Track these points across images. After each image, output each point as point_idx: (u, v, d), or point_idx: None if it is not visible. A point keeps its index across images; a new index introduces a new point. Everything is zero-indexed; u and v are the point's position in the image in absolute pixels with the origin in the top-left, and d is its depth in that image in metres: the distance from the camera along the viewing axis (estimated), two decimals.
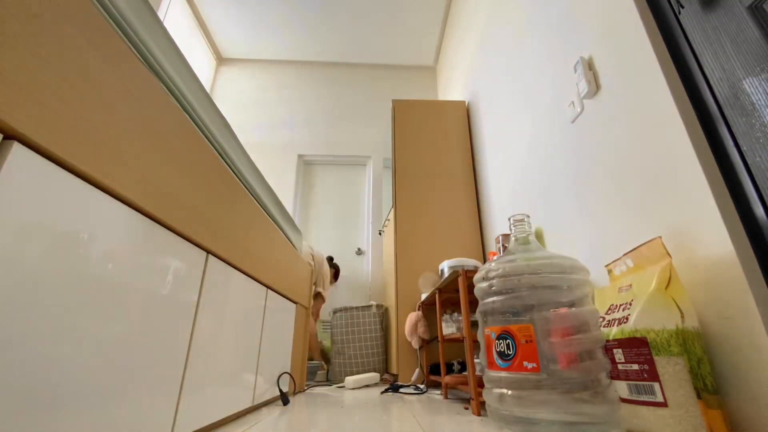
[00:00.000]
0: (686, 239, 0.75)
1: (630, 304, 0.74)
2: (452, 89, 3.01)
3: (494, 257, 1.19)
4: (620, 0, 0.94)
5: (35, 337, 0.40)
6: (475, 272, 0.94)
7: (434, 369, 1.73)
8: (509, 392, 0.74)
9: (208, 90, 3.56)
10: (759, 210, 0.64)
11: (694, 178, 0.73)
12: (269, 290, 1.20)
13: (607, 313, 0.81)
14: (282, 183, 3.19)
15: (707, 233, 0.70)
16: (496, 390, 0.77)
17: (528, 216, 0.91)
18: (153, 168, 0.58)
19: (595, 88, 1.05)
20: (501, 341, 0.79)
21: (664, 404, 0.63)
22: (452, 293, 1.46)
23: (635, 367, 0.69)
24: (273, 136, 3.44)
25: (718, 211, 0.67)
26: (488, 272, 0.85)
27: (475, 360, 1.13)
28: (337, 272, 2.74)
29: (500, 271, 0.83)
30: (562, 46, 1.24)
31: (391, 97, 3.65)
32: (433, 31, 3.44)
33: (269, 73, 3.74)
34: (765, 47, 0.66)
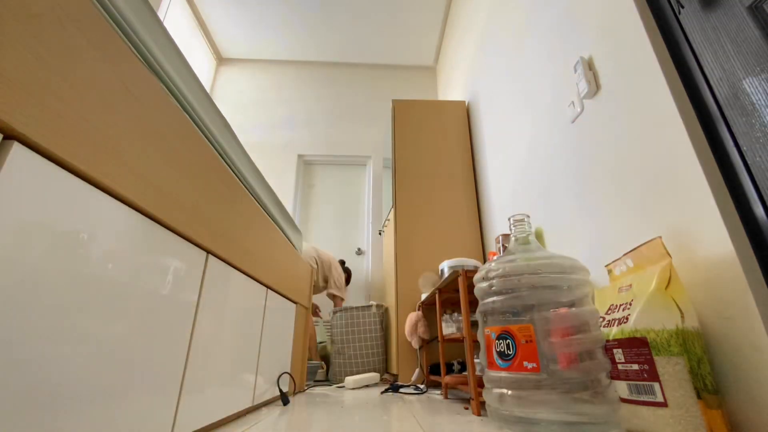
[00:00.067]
0: (686, 239, 0.75)
1: (630, 304, 0.74)
2: (452, 89, 3.01)
3: (494, 257, 1.19)
4: (620, 0, 0.94)
5: (35, 337, 0.40)
6: (475, 272, 0.94)
7: (434, 369, 1.73)
8: (509, 392, 0.74)
9: (208, 90, 3.56)
10: (759, 210, 0.64)
11: (694, 178, 0.73)
12: (269, 290, 1.20)
13: (607, 313, 0.81)
14: (282, 183, 3.19)
15: (707, 233, 0.70)
16: (496, 390, 0.77)
17: (528, 216, 0.91)
18: (153, 168, 0.58)
19: (595, 88, 1.05)
20: (501, 341, 0.79)
21: (664, 404, 0.63)
22: (452, 293, 1.46)
23: (635, 367, 0.69)
24: (273, 136, 3.44)
25: (718, 211, 0.67)
26: (488, 272, 0.85)
27: (475, 360, 1.13)
28: (349, 276, 2.73)
29: (500, 271, 0.83)
30: (562, 46, 1.24)
31: (391, 97, 3.65)
32: (433, 31, 3.44)
33: (269, 73, 3.74)
34: (765, 47, 0.66)
